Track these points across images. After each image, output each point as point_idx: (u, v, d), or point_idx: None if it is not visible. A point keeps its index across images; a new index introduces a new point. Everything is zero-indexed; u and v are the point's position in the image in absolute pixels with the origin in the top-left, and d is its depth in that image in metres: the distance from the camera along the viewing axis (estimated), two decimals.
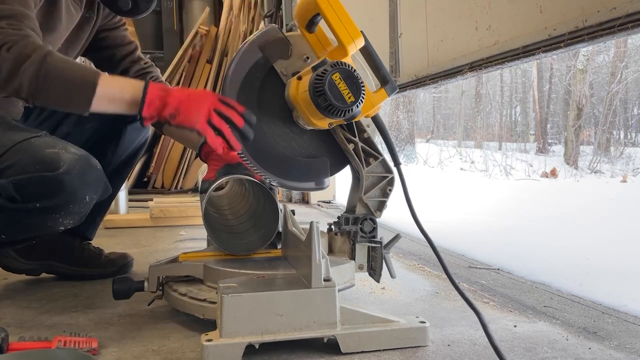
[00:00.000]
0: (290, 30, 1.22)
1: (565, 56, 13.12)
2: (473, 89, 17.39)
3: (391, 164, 1.25)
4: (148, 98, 1.12)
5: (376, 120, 1.23)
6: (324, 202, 4.08)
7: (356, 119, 1.21)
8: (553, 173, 8.98)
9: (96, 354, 1.01)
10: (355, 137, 1.23)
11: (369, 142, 1.25)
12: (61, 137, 1.45)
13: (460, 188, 6.46)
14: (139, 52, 1.73)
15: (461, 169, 10.57)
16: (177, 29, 6.20)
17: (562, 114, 15.79)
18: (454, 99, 20.26)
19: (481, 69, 1.82)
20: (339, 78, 1.04)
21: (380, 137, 1.27)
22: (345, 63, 1.05)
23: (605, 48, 13.13)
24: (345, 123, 1.21)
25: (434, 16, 2.18)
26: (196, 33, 4.94)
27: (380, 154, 1.25)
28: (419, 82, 2.30)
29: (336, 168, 1.30)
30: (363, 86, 1.06)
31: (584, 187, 6.91)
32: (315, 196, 4.11)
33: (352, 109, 1.05)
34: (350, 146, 1.23)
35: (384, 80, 1.20)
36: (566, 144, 11.86)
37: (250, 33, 4.45)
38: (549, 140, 15.62)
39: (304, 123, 1.18)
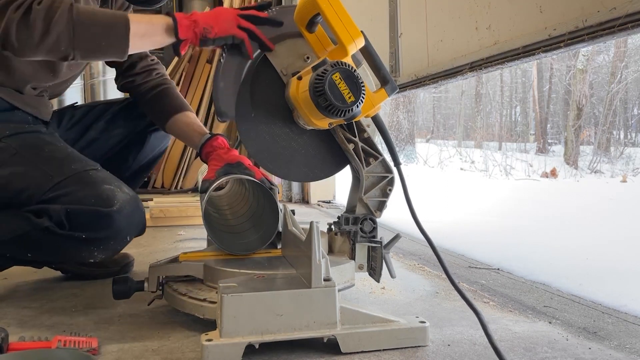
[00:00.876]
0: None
1: (565, 56, 13.12)
2: (473, 89, 17.40)
3: (391, 164, 1.25)
4: (179, 19, 1.17)
5: (376, 120, 1.23)
6: (324, 202, 4.08)
7: (356, 119, 1.21)
8: (553, 173, 8.97)
9: (96, 354, 1.01)
10: (355, 137, 1.23)
11: (369, 142, 1.25)
12: (88, 142, 1.51)
13: (460, 188, 6.46)
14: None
15: (461, 169, 10.56)
16: None
17: (562, 114, 15.80)
18: (454, 99, 20.27)
19: (481, 69, 1.82)
20: (339, 78, 1.04)
21: (380, 137, 1.27)
22: (345, 63, 1.05)
23: (605, 48, 13.14)
24: (345, 123, 1.21)
25: (434, 16, 2.18)
26: None
27: (380, 154, 1.25)
28: (419, 82, 2.30)
29: (336, 168, 1.31)
30: (363, 86, 1.06)
31: (584, 187, 6.91)
32: (315, 196, 4.11)
33: (352, 109, 1.05)
34: (350, 146, 1.23)
35: (384, 80, 1.20)
36: (566, 144, 11.86)
37: None
38: (549, 140, 15.62)
39: (304, 123, 1.18)
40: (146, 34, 1.18)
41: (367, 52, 1.20)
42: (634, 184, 7.59)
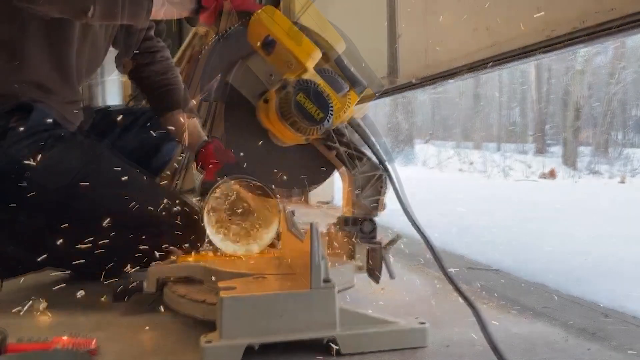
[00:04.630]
0: None
1: (564, 57, 13.12)
2: (472, 90, 17.39)
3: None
4: None
5: (352, 124, 1.21)
6: (323, 202, 4.08)
7: (332, 128, 1.19)
8: (552, 174, 8.98)
9: (95, 355, 1.01)
10: (335, 143, 1.22)
11: (350, 144, 1.24)
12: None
13: (459, 189, 6.46)
14: (152, 32, 1.76)
15: (460, 169, 10.57)
16: (176, 30, 6.19)
17: (560, 115, 15.79)
18: (453, 99, 20.25)
19: (480, 69, 1.83)
20: (304, 97, 1.04)
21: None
22: (307, 80, 1.05)
23: (603, 49, 13.14)
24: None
25: (433, 17, 2.18)
26: (195, 34, 4.94)
27: (364, 154, 1.24)
28: (418, 83, 2.30)
29: (326, 174, 1.29)
30: (330, 99, 1.05)
31: (582, 188, 6.91)
32: (315, 196, 4.11)
33: (323, 125, 1.05)
34: (333, 153, 1.22)
35: (352, 81, 1.18)
36: (565, 145, 11.87)
37: None
38: (548, 141, 15.61)
39: (281, 142, 1.17)
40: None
41: (329, 58, 1.18)
42: (632, 184, 7.59)
